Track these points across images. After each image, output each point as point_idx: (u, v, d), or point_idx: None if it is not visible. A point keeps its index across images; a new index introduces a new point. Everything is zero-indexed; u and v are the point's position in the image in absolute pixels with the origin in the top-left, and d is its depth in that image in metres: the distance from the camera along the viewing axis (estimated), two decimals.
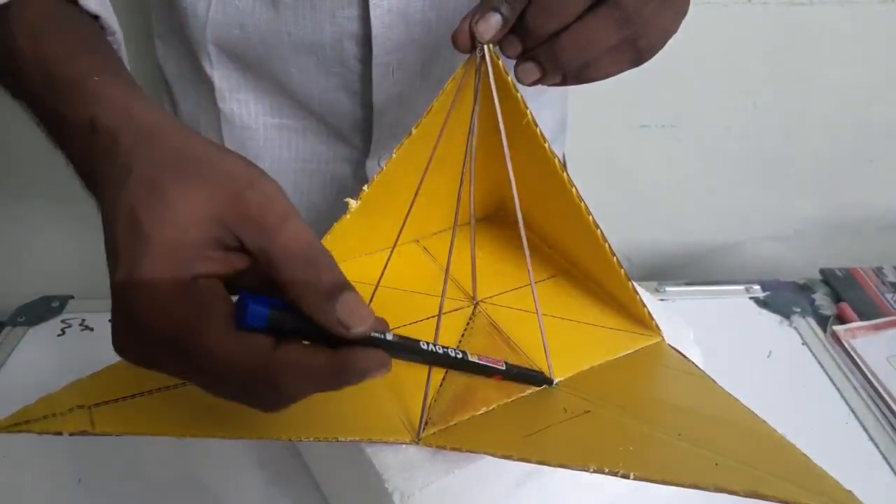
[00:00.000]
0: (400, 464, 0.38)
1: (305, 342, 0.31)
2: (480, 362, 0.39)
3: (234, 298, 0.31)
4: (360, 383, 0.31)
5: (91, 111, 0.32)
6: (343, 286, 0.30)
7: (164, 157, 0.31)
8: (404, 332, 0.45)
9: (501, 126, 0.39)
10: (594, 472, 0.33)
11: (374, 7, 0.52)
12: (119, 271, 0.29)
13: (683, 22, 0.39)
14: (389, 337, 0.33)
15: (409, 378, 0.42)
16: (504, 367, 0.40)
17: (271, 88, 0.60)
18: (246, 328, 0.29)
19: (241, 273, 0.31)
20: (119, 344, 0.31)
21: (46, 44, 0.35)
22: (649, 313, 0.46)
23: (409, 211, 0.43)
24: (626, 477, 0.33)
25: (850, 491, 0.31)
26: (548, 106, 0.70)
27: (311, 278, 0.30)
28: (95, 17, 0.40)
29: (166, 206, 0.29)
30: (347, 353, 0.30)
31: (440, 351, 0.36)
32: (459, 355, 0.37)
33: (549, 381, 0.42)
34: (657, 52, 0.38)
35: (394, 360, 0.43)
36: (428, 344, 0.36)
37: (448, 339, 0.44)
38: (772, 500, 0.30)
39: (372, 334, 0.32)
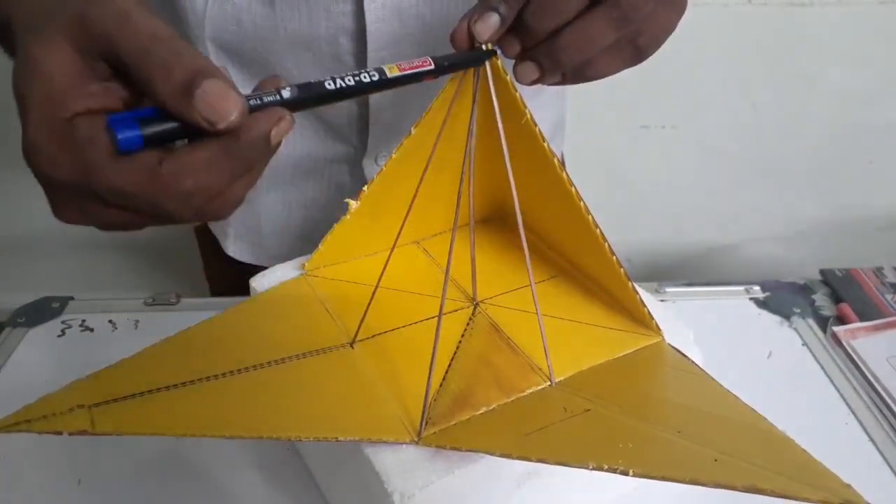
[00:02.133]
0: (400, 464, 0.38)
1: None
2: (404, 72, 0.35)
3: None
4: (268, 147, 0.30)
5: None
6: (199, 74, 0.29)
7: (32, 20, 0.31)
8: (404, 332, 0.46)
9: (500, 126, 0.39)
10: (594, 469, 0.33)
11: (368, 2, 0.52)
12: (22, 144, 0.30)
13: (683, 22, 0.39)
14: (286, 94, 0.31)
15: (409, 378, 0.42)
16: (432, 65, 0.36)
17: None
18: (128, 152, 0.29)
19: (136, 99, 0.31)
20: (54, 211, 0.32)
21: None
22: (649, 313, 0.46)
23: (408, 212, 0.43)
24: (625, 474, 0.33)
25: (849, 485, 0.31)
26: (545, 105, 0.70)
27: (161, 75, 0.29)
28: None
29: (33, 64, 0.30)
30: (239, 128, 0.29)
31: (350, 82, 0.33)
32: (375, 76, 0.34)
33: (493, 53, 0.38)
34: (656, 50, 0.39)
35: (393, 360, 0.43)
36: (334, 80, 0.33)
37: (448, 339, 0.45)
38: (771, 495, 0.30)
39: (262, 99, 0.30)
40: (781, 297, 0.67)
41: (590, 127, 0.99)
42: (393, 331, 0.46)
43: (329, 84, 0.33)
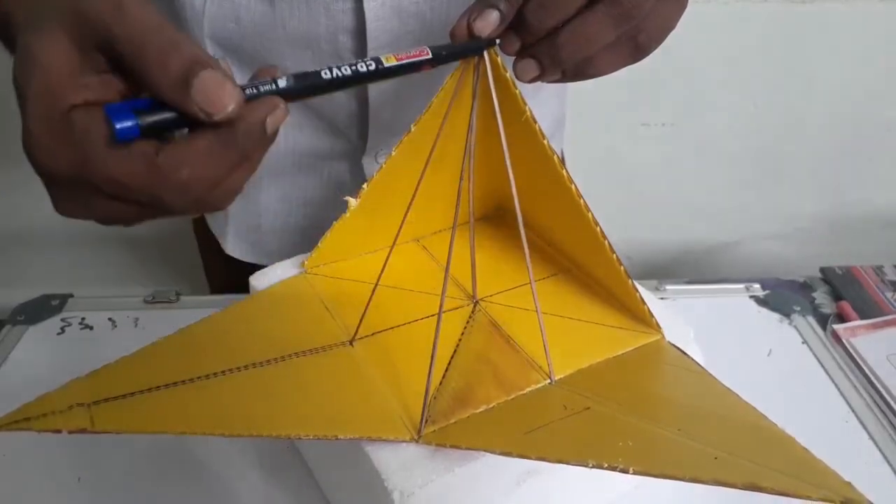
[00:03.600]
0: (399, 462, 0.38)
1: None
2: (402, 62, 0.34)
3: None
4: (264, 136, 0.30)
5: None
6: (195, 65, 0.29)
7: (32, 14, 0.31)
8: (404, 330, 0.46)
9: (500, 123, 0.39)
10: (593, 466, 0.33)
11: (367, 0, 0.52)
12: (22, 136, 0.30)
13: (683, 20, 0.39)
14: (281, 84, 0.31)
15: (409, 376, 0.42)
16: (430, 54, 0.36)
17: None
18: (124, 142, 0.29)
19: (134, 91, 0.31)
20: (54, 205, 0.32)
21: None
22: (649, 310, 0.46)
23: (408, 210, 0.43)
24: (625, 471, 0.32)
25: (849, 482, 0.31)
26: (545, 103, 0.70)
27: (158, 66, 0.29)
28: None
29: (31, 57, 0.30)
30: (231, 119, 0.29)
31: (347, 72, 0.33)
32: (372, 66, 0.34)
33: (492, 42, 0.38)
34: (656, 47, 0.38)
35: (393, 358, 0.43)
36: (330, 70, 0.33)
37: (448, 337, 0.44)
38: (772, 493, 0.30)
39: (259, 89, 0.30)
40: (781, 295, 0.67)
41: (590, 124, 0.99)
42: (393, 329, 0.45)
43: (325, 73, 0.32)
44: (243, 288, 0.50)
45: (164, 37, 0.30)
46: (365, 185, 0.45)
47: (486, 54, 0.38)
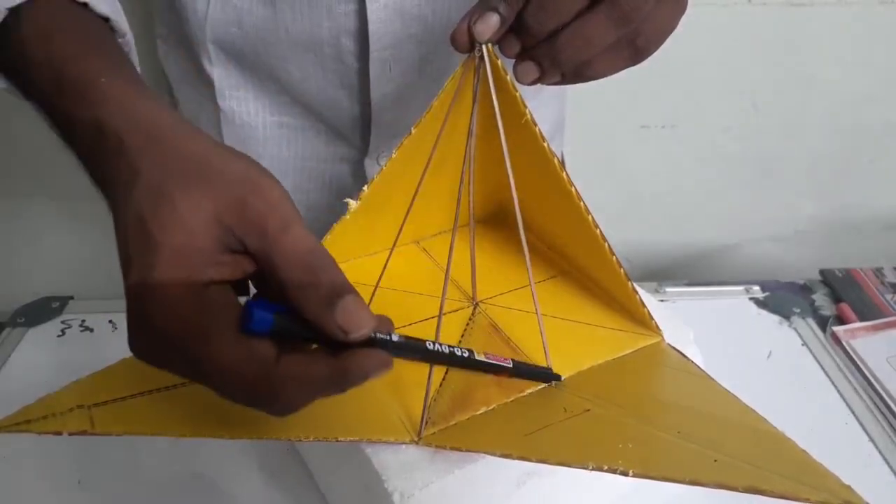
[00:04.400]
0: (400, 464, 0.38)
1: (311, 345, 0.31)
2: (488, 360, 0.38)
3: (243, 300, 0.31)
4: (361, 384, 0.31)
5: (97, 112, 0.33)
6: (342, 291, 0.30)
7: (170, 160, 0.31)
8: (404, 332, 0.46)
9: (500, 126, 0.39)
10: (593, 469, 0.33)
11: (370, 2, 0.52)
12: (131, 276, 0.30)
13: (683, 22, 0.39)
14: (394, 338, 0.33)
15: (410, 378, 0.42)
16: (511, 365, 0.40)
17: (270, 86, 0.60)
18: (251, 333, 0.30)
19: (250, 276, 0.32)
20: (134, 345, 0.31)
21: (56, 45, 0.35)
22: (649, 313, 0.46)
23: (408, 212, 0.43)
24: (625, 474, 0.33)
25: (848, 486, 0.31)
26: (545, 105, 0.70)
27: (310, 283, 0.30)
28: (106, 20, 0.40)
29: (173, 211, 0.30)
30: (347, 358, 0.31)
31: (446, 350, 0.36)
32: (466, 354, 0.37)
33: (557, 377, 0.42)
34: (656, 50, 0.38)
35: (395, 360, 0.43)
36: (433, 343, 0.36)
37: (448, 339, 0.44)
38: (771, 496, 0.30)
39: (376, 335, 0.32)
40: (781, 297, 0.67)
41: (590, 127, 0.99)
42: None
43: (429, 345, 0.36)
44: (243, 291, 0.50)
45: (322, 260, 0.31)
46: (365, 188, 0.45)
47: (485, 54, 0.38)
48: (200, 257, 0.30)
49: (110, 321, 0.63)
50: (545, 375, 0.42)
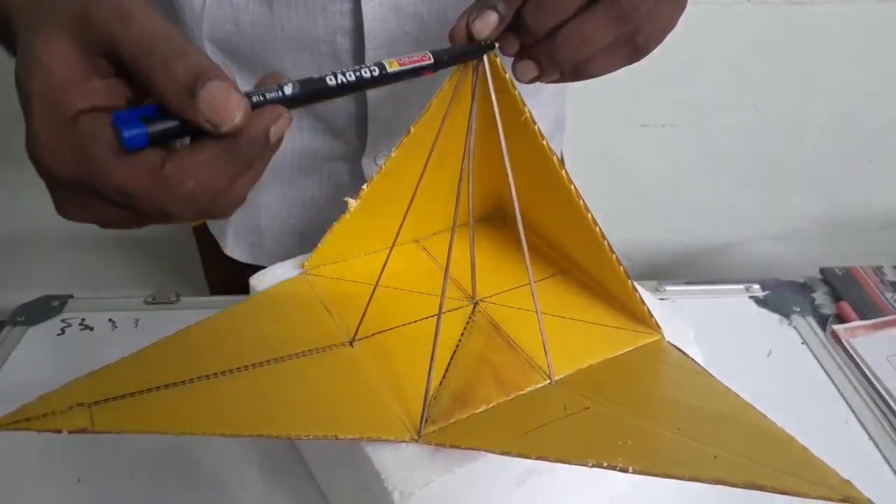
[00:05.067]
0: (399, 462, 0.38)
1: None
2: (404, 67, 0.35)
3: None
4: (267, 145, 0.30)
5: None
6: (201, 76, 0.29)
7: (38, 14, 0.31)
8: (404, 331, 0.46)
9: (499, 124, 0.39)
10: (593, 466, 0.33)
11: (365, 0, 0.52)
12: (26, 139, 0.30)
13: (683, 21, 0.39)
14: (287, 91, 0.31)
15: (409, 376, 0.42)
16: (431, 59, 0.36)
17: None
18: (132, 150, 0.29)
19: (138, 97, 0.31)
20: (56, 208, 0.32)
21: None
22: (649, 311, 0.46)
23: (407, 210, 0.43)
24: (624, 471, 0.33)
25: (848, 481, 0.31)
26: (544, 104, 0.70)
27: (164, 75, 0.29)
28: None
29: (33, 56, 0.30)
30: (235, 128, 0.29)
31: (351, 77, 0.33)
32: (376, 71, 0.34)
33: (491, 46, 0.38)
34: (655, 48, 0.38)
35: (393, 358, 0.43)
36: (335, 76, 0.33)
37: (448, 338, 0.45)
38: (771, 492, 0.30)
39: (265, 95, 0.30)
40: (781, 296, 0.67)
41: (589, 125, 0.99)
42: (392, 329, 0.46)
43: (330, 79, 0.33)
44: (243, 289, 0.50)
45: (170, 45, 0.29)
46: (365, 186, 0.45)
47: (485, 56, 0.38)
48: (64, 91, 0.29)
49: (110, 320, 0.63)
50: (474, 49, 0.38)
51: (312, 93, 0.32)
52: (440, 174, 0.43)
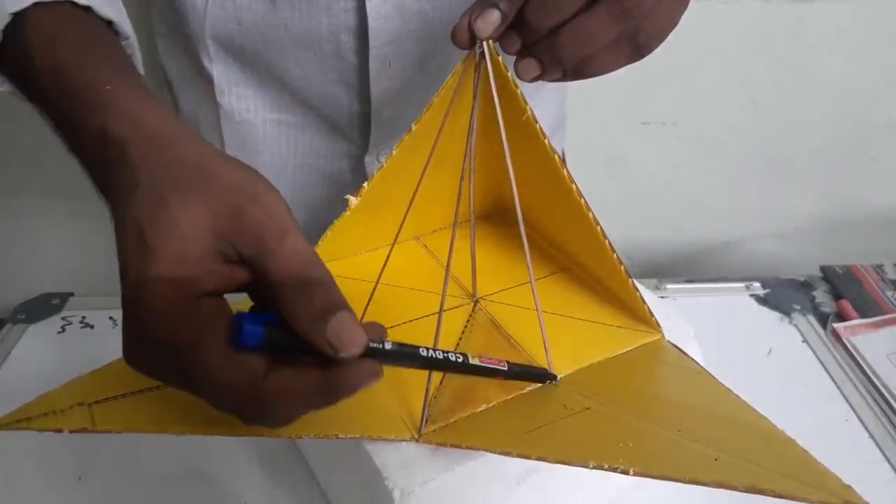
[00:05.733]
0: (400, 461, 0.38)
1: (303, 356, 0.31)
2: (482, 364, 0.38)
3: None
4: (351, 395, 0.31)
5: (101, 120, 0.33)
6: (335, 307, 0.30)
7: (171, 168, 0.31)
8: (404, 329, 0.46)
9: (501, 123, 0.39)
10: (594, 467, 0.33)
11: None
12: (127, 283, 0.30)
13: (684, 19, 0.39)
14: (387, 346, 0.32)
15: (410, 376, 0.41)
16: (506, 368, 0.39)
17: (270, 83, 0.60)
18: (242, 347, 0.29)
19: (245, 287, 0.31)
20: (127, 352, 0.31)
21: (60, 51, 0.35)
22: (649, 310, 0.46)
23: (408, 208, 0.43)
24: (625, 473, 0.33)
25: (849, 485, 0.31)
26: (546, 102, 0.70)
27: (304, 296, 0.30)
28: (109, 23, 0.40)
29: (170, 219, 0.29)
30: (337, 370, 0.30)
31: (440, 356, 0.36)
32: (460, 359, 0.37)
33: (553, 377, 0.42)
34: (657, 46, 0.38)
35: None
36: (427, 350, 0.35)
37: (448, 336, 0.45)
38: (772, 496, 0.30)
39: (370, 344, 0.31)
40: (782, 294, 0.67)
41: (590, 123, 0.99)
42: (393, 327, 0.46)
43: (423, 352, 0.35)
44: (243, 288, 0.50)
45: (318, 272, 0.30)
46: (366, 184, 0.45)
47: (485, 51, 0.38)
48: (195, 266, 0.29)
49: (111, 318, 0.63)
50: (541, 376, 0.42)
51: (404, 355, 0.34)
52: (441, 172, 0.43)
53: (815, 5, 1.01)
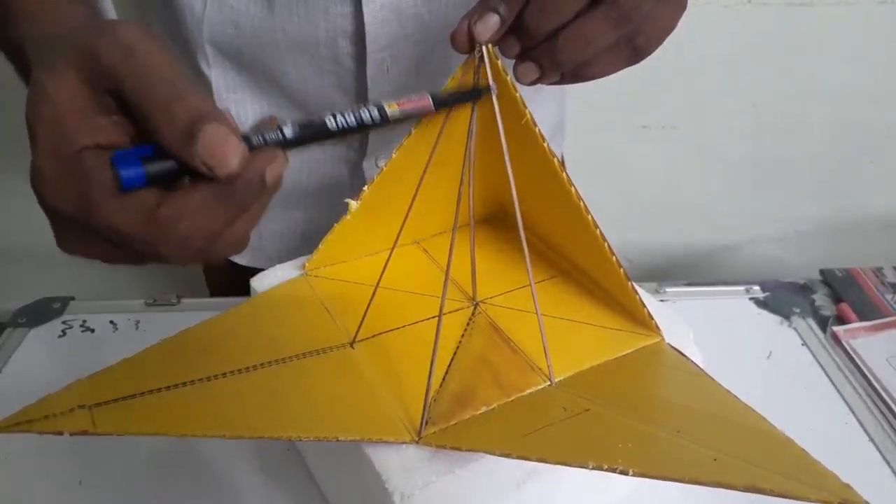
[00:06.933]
0: (400, 463, 0.38)
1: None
2: (403, 109, 0.35)
3: None
4: (263, 188, 0.30)
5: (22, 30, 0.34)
6: (200, 119, 0.28)
7: (50, 46, 0.31)
8: (404, 332, 0.46)
9: (500, 126, 0.39)
10: (593, 468, 0.33)
11: (366, 3, 0.52)
12: (30, 171, 0.30)
13: (683, 22, 0.39)
14: (287, 133, 0.31)
15: (410, 378, 0.42)
16: (430, 102, 0.36)
17: (268, 87, 0.60)
18: (129, 189, 0.29)
19: (143, 134, 0.31)
20: (57, 241, 0.31)
21: None
22: (649, 313, 0.46)
23: (408, 212, 0.43)
24: (625, 473, 0.33)
25: (847, 485, 0.31)
26: (545, 105, 0.71)
27: (165, 117, 0.29)
28: None
29: (42, 92, 0.29)
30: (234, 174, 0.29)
31: (352, 120, 0.33)
32: (375, 112, 0.34)
33: (486, 88, 0.39)
34: (655, 49, 0.39)
35: (393, 360, 0.43)
36: (334, 117, 0.33)
37: (448, 339, 0.45)
38: (771, 495, 0.31)
39: (264, 137, 0.30)
40: (781, 297, 0.67)
41: (590, 127, 0.99)
42: (393, 331, 0.46)
43: (330, 121, 0.33)
44: (244, 291, 0.50)
45: (171, 86, 0.29)
46: (365, 188, 0.45)
47: (484, 55, 0.38)
48: (69, 127, 0.29)
49: (111, 322, 0.63)
50: (471, 94, 0.38)
51: (312, 135, 0.32)
52: (441, 176, 0.43)
53: (814, 9, 1.02)
